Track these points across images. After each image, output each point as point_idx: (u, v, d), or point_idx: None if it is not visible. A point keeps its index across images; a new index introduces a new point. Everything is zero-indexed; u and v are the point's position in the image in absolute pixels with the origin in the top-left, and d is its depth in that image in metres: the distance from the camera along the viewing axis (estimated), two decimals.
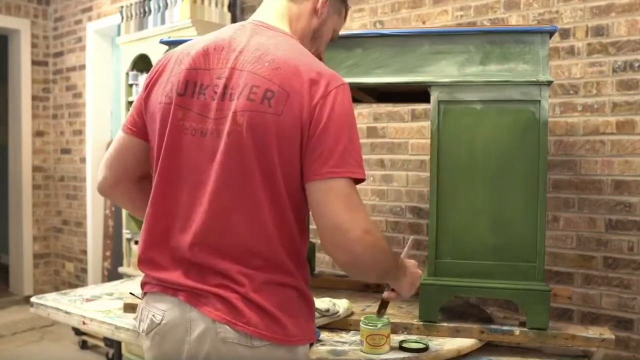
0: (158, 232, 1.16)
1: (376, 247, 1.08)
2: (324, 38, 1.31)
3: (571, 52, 2.27)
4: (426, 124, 2.63)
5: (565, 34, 2.28)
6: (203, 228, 1.10)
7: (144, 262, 1.18)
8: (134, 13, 3.46)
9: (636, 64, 2.14)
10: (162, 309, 1.13)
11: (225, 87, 1.10)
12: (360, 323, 1.49)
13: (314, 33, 1.27)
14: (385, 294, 1.40)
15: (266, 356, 1.08)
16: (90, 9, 4.48)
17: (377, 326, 1.46)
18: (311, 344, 1.19)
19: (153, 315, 1.15)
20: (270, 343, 1.08)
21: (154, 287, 1.16)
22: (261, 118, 1.07)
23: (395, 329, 1.60)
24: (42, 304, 1.97)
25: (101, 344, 3.73)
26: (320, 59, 1.30)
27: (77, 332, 3.86)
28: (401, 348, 1.50)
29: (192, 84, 1.14)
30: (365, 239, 1.05)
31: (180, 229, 1.12)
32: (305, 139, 1.07)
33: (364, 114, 2.87)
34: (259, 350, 1.07)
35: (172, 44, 1.81)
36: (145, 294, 1.19)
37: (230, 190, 1.09)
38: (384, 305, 1.47)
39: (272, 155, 1.07)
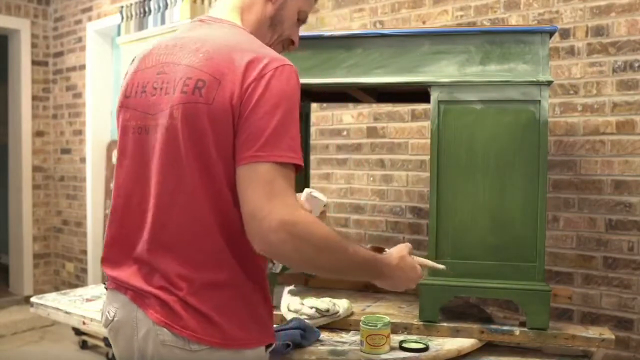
0: (118, 232, 1.17)
1: (299, 240, 1.00)
2: (287, 22, 1.27)
3: (571, 52, 2.27)
4: (426, 124, 2.63)
5: (565, 34, 2.28)
6: (151, 226, 1.10)
7: (104, 260, 1.20)
8: (134, 13, 3.46)
9: (636, 64, 2.14)
10: (115, 307, 1.15)
11: (164, 82, 1.11)
12: (360, 323, 1.49)
13: (271, 20, 1.25)
14: None
15: (197, 358, 1.06)
16: (90, 9, 4.48)
17: (377, 326, 1.46)
18: (268, 345, 1.15)
19: (108, 312, 1.17)
20: (208, 347, 1.06)
21: (111, 284, 1.18)
22: (194, 109, 1.05)
23: (395, 329, 1.60)
24: (42, 304, 1.97)
25: (101, 344, 3.73)
26: (292, 43, 1.30)
27: (77, 332, 3.86)
28: (401, 348, 1.50)
29: (137, 85, 1.16)
30: (282, 230, 0.98)
31: (138, 228, 1.12)
32: (236, 123, 1.04)
33: (364, 114, 2.87)
34: (197, 355, 1.06)
35: None
36: (107, 290, 1.22)
37: (170, 185, 1.08)
38: None
39: (208, 145, 1.05)
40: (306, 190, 1.39)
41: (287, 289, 1.76)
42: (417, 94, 2.09)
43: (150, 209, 1.10)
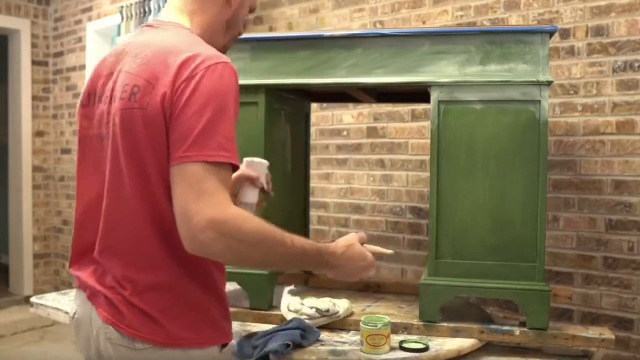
0: (80, 235, 1.21)
1: (229, 238, 0.98)
2: (241, 20, 1.28)
3: (571, 52, 2.27)
4: (426, 124, 2.63)
5: (565, 34, 2.28)
6: (101, 230, 1.13)
7: (71, 261, 1.23)
8: (134, 13, 3.46)
9: (636, 64, 2.14)
10: (77, 304, 1.20)
11: (113, 90, 1.12)
12: (360, 323, 1.49)
13: (228, 23, 1.25)
14: None
15: (150, 358, 1.08)
16: (90, 9, 4.48)
17: (377, 326, 1.46)
18: (224, 345, 1.16)
19: (72, 309, 1.23)
20: (152, 346, 1.07)
21: (76, 283, 1.22)
22: (130, 115, 1.06)
23: (395, 329, 1.60)
24: (42, 304, 1.97)
25: None
26: (240, 33, 1.30)
27: None
28: (401, 348, 1.50)
29: (92, 94, 1.18)
30: (211, 229, 0.97)
31: (94, 232, 1.15)
32: (168, 125, 1.03)
33: (364, 114, 2.87)
34: (141, 353, 1.08)
35: None
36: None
37: (115, 191, 1.10)
38: None
39: (143, 150, 1.06)
40: (245, 159, 1.35)
41: (287, 289, 1.76)
42: (417, 94, 2.09)
43: (102, 214, 1.13)
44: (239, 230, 0.99)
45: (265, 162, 1.37)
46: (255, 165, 1.35)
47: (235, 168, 1.05)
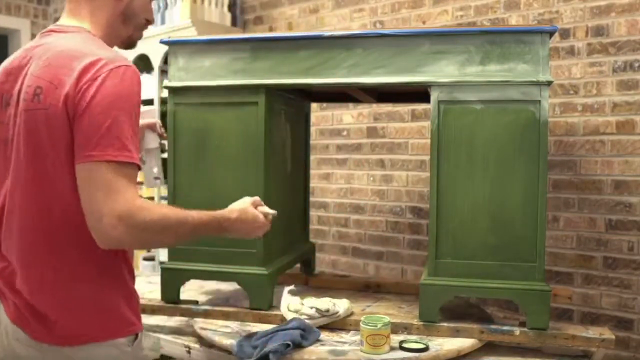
0: (1, 234, 1.23)
1: (138, 230, 1.06)
2: (141, 10, 1.31)
3: (571, 52, 2.27)
4: (426, 124, 2.63)
5: (565, 34, 2.28)
6: (4, 232, 1.16)
7: None
8: None
9: (636, 64, 2.14)
10: None
11: (19, 92, 1.15)
12: (360, 323, 1.49)
13: (123, 15, 1.28)
14: None
15: (58, 357, 1.11)
16: None
17: (377, 326, 1.46)
18: (135, 337, 1.19)
19: None
20: (48, 344, 1.11)
21: None
22: (33, 115, 1.10)
23: (395, 329, 1.60)
24: None
25: None
26: (149, 22, 1.33)
27: None
28: (401, 348, 1.50)
29: (1, 97, 1.20)
30: (121, 224, 1.03)
31: (4, 232, 1.18)
32: (72, 125, 1.08)
33: (364, 114, 2.87)
34: (48, 353, 1.11)
35: (172, 44, 1.81)
36: None
37: (15, 192, 1.14)
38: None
39: (46, 150, 1.10)
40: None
41: (287, 289, 1.76)
42: (417, 94, 2.09)
43: (5, 213, 1.16)
44: (144, 222, 1.06)
45: (154, 107, 1.42)
46: (149, 113, 1.39)
47: (138, 167, 1.11)
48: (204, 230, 1.23)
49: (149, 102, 3.46)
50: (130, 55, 3.43)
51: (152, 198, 3.24)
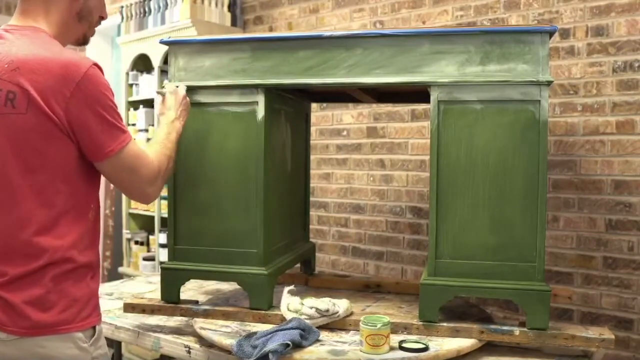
0: None
1: (164, 178, 1.39)
2: (95, 8, 1.35)
3: (571, 52, 2.27)
4: (426, 124, 2.63)
5: (565, 34, 2.28)
6: None
7: None
8: (134, 13, 3.46)
9: (636, 64, 2.14)
10: None
11: None
12: (360, 323, 1.49)
13: (79, 15, 1.32)
14: None
15: (18, 348, 1.16)
16: None
17: (377, 326, 1.46)
18: (93, 331, 1.26)
19: None
20: (17, 337, 1.15)
21: None
22: (6, 120, 1.15)
23: (395, 329, 1.60)
24: None
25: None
26: (103, 18, 1.38)
27: None
28: (401, 348, 1.50)
29: None
30: (157, 184, 1.35)
31: None
32: (70, 132, 1.18)
33: (364, 114, 2.87)
34: (8, 344, 1.16)
35: (172, 44, 1.81)
36: None
37: None
38: None
39: (26, 151, 1.16)
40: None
41: (287, 289, 1.76)
42: (417, 94, 2.09)
43: None
44: (163, 173, 1.38)
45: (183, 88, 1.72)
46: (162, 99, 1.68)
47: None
48: (177, 139, 1.53)
49: (149, 102, 3.47)
50: (131, 55, 3.44)
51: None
